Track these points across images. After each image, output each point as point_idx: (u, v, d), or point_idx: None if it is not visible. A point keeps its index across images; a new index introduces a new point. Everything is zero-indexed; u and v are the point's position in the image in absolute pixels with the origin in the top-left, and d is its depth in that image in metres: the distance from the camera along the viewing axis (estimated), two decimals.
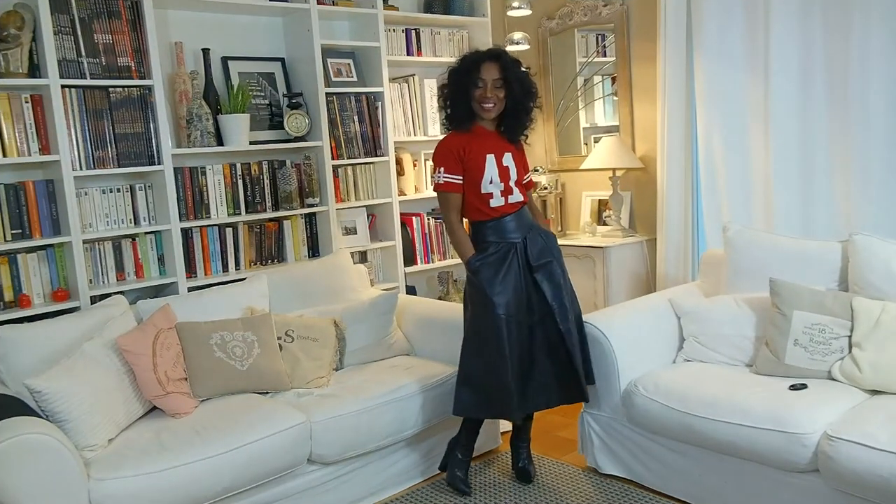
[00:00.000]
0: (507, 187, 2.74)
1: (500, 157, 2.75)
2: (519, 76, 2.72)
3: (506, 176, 2.74)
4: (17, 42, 2.80)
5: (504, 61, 2.70)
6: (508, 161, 2.76)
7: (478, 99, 2.69)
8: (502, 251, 2.72)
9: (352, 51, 3.84)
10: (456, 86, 2.73)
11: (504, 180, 2.74)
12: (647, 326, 2.94)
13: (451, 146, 2.75)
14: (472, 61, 2.71)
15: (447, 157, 2.74)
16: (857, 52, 3.11)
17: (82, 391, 2.35)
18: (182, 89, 3.29)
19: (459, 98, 2.72)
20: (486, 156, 2.73)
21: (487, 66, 2.68)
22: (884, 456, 2.09)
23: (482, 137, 2.76)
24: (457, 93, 2.73)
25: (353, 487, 2.78)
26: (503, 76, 2.68)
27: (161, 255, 3.26)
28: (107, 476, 2.19)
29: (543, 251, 2.76)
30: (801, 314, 2.60)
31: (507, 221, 2.75)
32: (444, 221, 2.83)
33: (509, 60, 2.72)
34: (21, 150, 2.86)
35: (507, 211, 2.75)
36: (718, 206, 3.64)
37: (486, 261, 2.70)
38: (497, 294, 2.65)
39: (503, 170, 2.74)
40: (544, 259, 2.74)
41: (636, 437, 2.79)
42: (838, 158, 3.24)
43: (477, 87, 2.69)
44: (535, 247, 2.74)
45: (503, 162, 2.75)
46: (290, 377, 2.86)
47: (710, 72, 3.58)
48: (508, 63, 2.70)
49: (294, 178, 3.58)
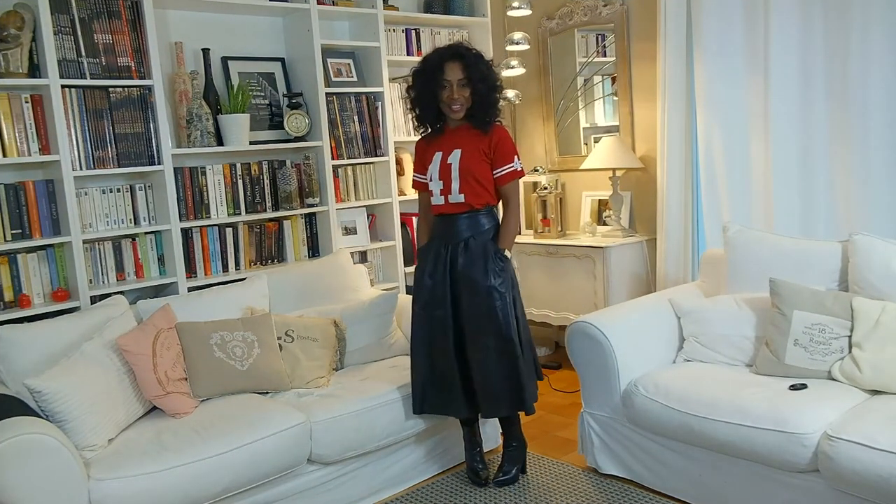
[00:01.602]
0: (447, 186, 2.72)
1: (447, 155, 2.73)
2: (482, 74, 2.68)
3: (446, 174, 2.72)
4: (17, 42, 2.80)
5: (467, 60, 2.67)
6: (454, 159, 2.72)
7: (445, 101, 2.69)
8: (432, 250, 2.78)
9: (352, 51, 3.84)
10: (421, 88, 2.73)
11: (443, 178, 2.72)
12: (647, 326, 2.94)
13: (418, 147, 2.89)
14: (435, 62, 2.68)
15: (415, 156, 2.92)
16: (857, 51, 3.11)
17: (82, 391, 2.35)
18: (182, 89, 3.29)
19: (427, 100, 2.73)
20: (434, 153, 2.77)
21: (451, 66, 2.66)
22: (884, 456, 2.09)
23: (445, 136, 2.78)
24: (423, 95, 2.73)
25: (353, 487, 2.78)
26: (466, 75, 2.66)
27: (161, 255, 3.26)
28: (107, 476, 2.19)
29: (469, 269, 2.69)
30: (801, 314, 2.60)
31: (436, 224, 2.81)
32: None
33: (472, 57, 2.68)
34: (21, 150, 2.86)
35: (444, 211, 2.76)
36: (718, 206, 3.64)
37: (421, 254, 2.83)
38: (419, 288, 2.78)
39: (444, 167, 2.72)
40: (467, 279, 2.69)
41: (636, 437, 2.79)
42: (838, 158, 3.24)
43: (442, 89, 2.68)
44: (463, 260, 2.70)
45: (448, 160, 2.72)
46: (290, 377, 2.86)
47: (710, 72, 3.58)
48: (471, 61, 2.67)
49: (294, 178, 3.58)
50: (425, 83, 2.71)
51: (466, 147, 2.72)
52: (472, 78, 2.67)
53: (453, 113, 2.71)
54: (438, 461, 3.05)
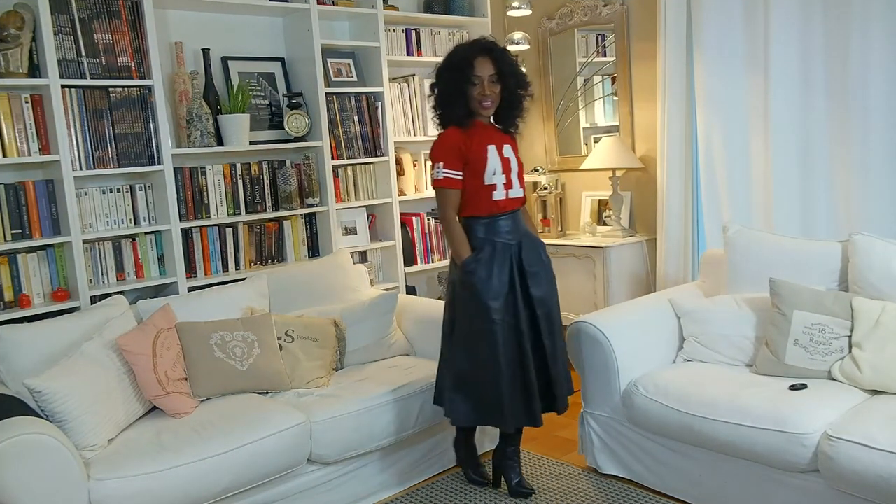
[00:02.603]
0: (509, 180, 2.66)
1: (501, 149, 2.66)
2: (513, 69, 2.63)
3: (507, 167, 2.66)
4: (17, 42, 2.80)
5: (496, 55, 2.60)
6: (509, 153, 2.68)
7: (477, 97, 2.59)
8: (498, 251, 2.62)
9: (352, 51, 3.84)
10: (450, 84, 2.61)
11: (506, 172, 2.65)
12: (647, 326, 2.94)
13: (451, 140, 2.63)
14: (464, 57, 2.59)
15: (447, 152, 2.62)
16: (858, 51, 3.11)
17: (82, 391, 2.35)
18: (182, 89, 3.29)
19: (456, 97, 2.60)
20: (487, 146, 2.63)
21: (481, 62, 2.58)
22: (884, 456, 2.09)
23: (481, 130, 2.67)
24: (452, 92, 2.61)
25: (353, 487, 2.78)
26: (498, 70, 2.59)
27: (161, 255, 3.26)
28: (107, 476, 2.19)
29: (535, 259, 2.68)
30: (801, 314, 2.60)
31: (501, 222, 2.65)
32: (440, 219, 2.71)
33: (501, 52, 2.62)
34: (21, 150, 2.86)
35: (506, 206, 2.66)
36: (718, 206, 3.64)
37: (480, 261, 2.59)
38: (492, 298, 2.55)
39: (505, 161, 2.65)
40: (535, 267, 2.66)
41: (636, 437, 2.79)
42: (838, 158, 3.24)
43: (473, 85, 2.59)
44: (528, 253, 2.66)
45: (504, 153, 2.66)
46: (290, 377, 2.86)
47: (710, 72, 3.58)
48: (501, 56, 2.61)
49: (294, 178, 3.58)
50: (454, 79, 2.60)
51: (508, 142, 2.71)
52: (504, 73, 2.60)
53: (484, 110, 2.62)
54: (438, 461, 3.05)
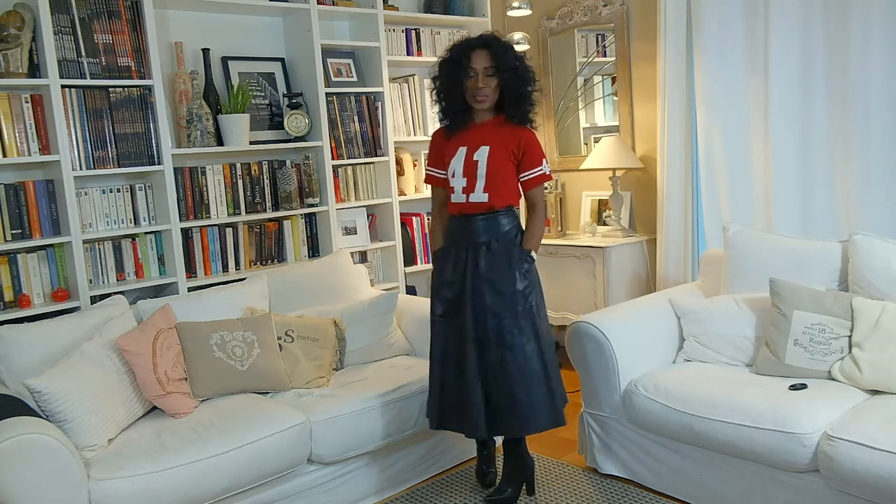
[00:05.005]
0: (472, 184, 2.59)
1: (473, 151, 2.60)
2: (511, 65, 2.56)
3: (471, 171, 2.58)
4: (17, 42, 2.80)
5: (495, 49, 2.56)
6: (480, 156, 2.58)
7: (470, 90, 2.57)
8: (452, 253, 2.63)
9: (352, 51, 3.84)
10: (447, 76, 2.61)
11: (467, 175, 2.59)
12: (647, 326, 2.94)
13: (434, 138, 2.76)
14: (462, 50, 2.58)
15: (430, 150, 2.79)
16: (858, 51, 3.11)
17: (82, 391, 2.35)
18: (182, 89, 3.29)
19: (452, 90, 2.60)
20: (458, 148, 2.62)
21: (477, 55, 2.55)
22: (884, 456, 2.09)
23: (471, 130, 2.63)
24: (449, 84, 2.61)
25: (353, 487, 2.78)
26: (494, 64, 2.55)
27: (161, 255, 3.26)
28: (107, 476, 2.19)
29: (499, 269, 2.56)
30: (801, 314, 2.60)
31: (453, 225, 2.66)
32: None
33: (501, 47, 2.58)
34: (21, 150, 2.86)
35: (464, 210, 2.61)
36: (718, 206, 3.64)
37: (439, 258, 2.69)
38: (438, 297, 2.65)
39: (469, 164, 2.59)
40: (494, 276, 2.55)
41: (636, 437, 2.79)
42: (838, 158, 3.24)
43: (468, 78, 2.56)
44: (488, 261, 2.57)
45: (473, 156, 2.59)
46: (290, 377, 2.86)
47: (710, 72, 3.58)
48: (499, 50, 2.56)
49: (294, 178, 3.58)
50: (451, 72, 2.59)
51: (494, 144, 2.60)
52: (500, 67, 2.55)
53: (478, 104, 2.58)
54: (438, 461, 3.05)
